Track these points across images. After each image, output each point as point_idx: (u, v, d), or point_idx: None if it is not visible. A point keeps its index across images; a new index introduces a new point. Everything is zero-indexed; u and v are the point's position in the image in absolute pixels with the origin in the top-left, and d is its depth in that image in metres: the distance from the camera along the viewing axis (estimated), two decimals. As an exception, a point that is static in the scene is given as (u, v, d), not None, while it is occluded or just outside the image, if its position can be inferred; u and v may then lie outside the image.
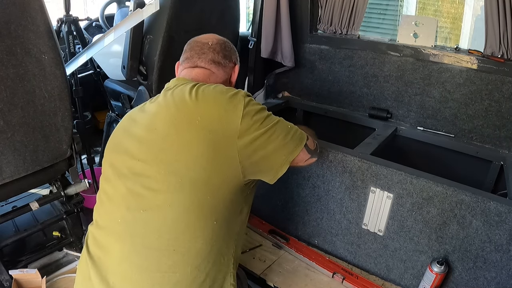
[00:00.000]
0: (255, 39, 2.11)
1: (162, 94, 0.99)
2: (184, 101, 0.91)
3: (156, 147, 0.89)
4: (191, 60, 1.07)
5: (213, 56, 1.07)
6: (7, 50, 1.07)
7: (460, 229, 1.21)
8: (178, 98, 0.93)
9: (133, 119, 0.99)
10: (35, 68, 1.14)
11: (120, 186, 0.91)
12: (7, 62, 1.08)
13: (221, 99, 0.90)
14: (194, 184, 0.85)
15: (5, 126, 1.12)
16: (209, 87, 0.94)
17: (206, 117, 0.88)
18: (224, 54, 1.09)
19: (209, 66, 1.06)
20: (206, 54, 1.06)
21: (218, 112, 0.88)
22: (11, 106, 1.12)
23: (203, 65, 1.06)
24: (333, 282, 1.42)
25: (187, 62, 1.07)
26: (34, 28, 1.12)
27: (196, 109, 0.89)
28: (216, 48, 1.08)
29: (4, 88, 1.09)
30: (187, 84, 0.96)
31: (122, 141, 0.97)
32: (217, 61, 1.07)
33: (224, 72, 1.09)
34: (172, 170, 0.86)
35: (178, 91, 0.95)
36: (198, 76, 1.05)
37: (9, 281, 1.29)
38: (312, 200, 1.53)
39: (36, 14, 1.12)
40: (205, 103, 0.90)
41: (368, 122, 1.94)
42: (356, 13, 1.94)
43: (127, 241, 0.87)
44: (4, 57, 1.07)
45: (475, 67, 1.61)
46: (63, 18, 1.94)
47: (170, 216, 0.85)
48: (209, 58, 1.06)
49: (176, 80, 1.03)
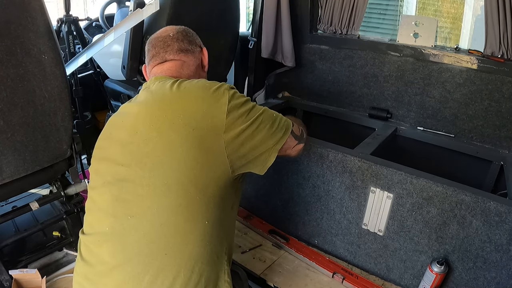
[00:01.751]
0: (255, 39, 2.11)
1: (142, 92, 0.97)
2: (165, 99, 0.89)
3: (139, 151, 0.86)
4: (158, 56, 1.04)
5: (178, 45, 1.05)
6: (7, 50, 1.07)
7: (460, 229, 1.21)
8: (159, 96, 0.91)
9: (115, 122, 0.97)
10: (35, 68, 1.14)
11: (106, 194, 0.89)
12: (7, 62, 1.08)
13: (204, 94, 0.88)
14: (182, 185, 0.83)
15: (5, 126, 1.12)
16: (191, 83, 0.92)
17: (189, 114, 0.85)
18: (188, 41, 1.07)
19: (178, 57, 1.04)
20: (172, 46, 1.04)
21: (202, 108, 0.86)
22: (11, 106, 1.12)
23: (172, 57, 1.04)
24: (333, 282, 1.42)
25: (155, 60, 1.05)
26: (34, 28, 1.12)
27: (178, 106, 0.87)
28: (179, 37, 1.06)
29: (4, 88, 1.09)
30: (166, 81, 0.94)
31: (105, 146, 0.96)
32: (184, 49, 1.05)
33: (195, 58, 1.07)
34: (157, 173, 0.83)
35: (158, 88, 0.93)
36: (170, 68, 1.03)
37: (9, 281, 1.29)
38: (312, 200, 1.53)
39: (36, 14, 1.12)
40: (187, 99, 0.88)
41: (368, 122, 1.94)
42: (356, 13, 1.94)
43: (117, 248, 0.85)
44: (4, 57, 1.07)
45: (475, 67, 1.61)
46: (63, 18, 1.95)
47: (158, 220, 0.83)
48: (176, 49, 1.04)
49: (154, 79, 0.99)
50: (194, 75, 1.07)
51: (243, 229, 1.69)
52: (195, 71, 1.07)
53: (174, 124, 0.85)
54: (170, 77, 0.99)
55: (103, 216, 0.88)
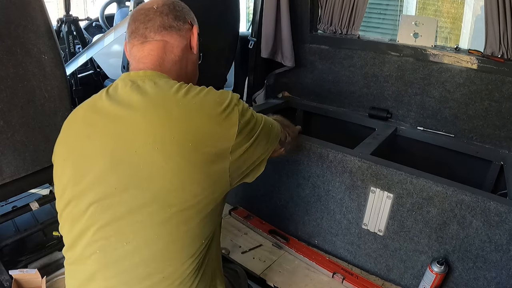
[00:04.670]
0: (255, 39, 2.11)
1: (127, 89, 0.80)
2: (171, 113, 0.75)
3: (138, 174, 0.74)
4: (138, 33, 0.88)
5: (161, 20, 0.88)
6: (7, 50, 1.07)
7: (460, 229, 1.20)
8: (160, 105, 0.76)
9: (93, 121, 0.81)
10: (35, 68, 1.14)
11: (93, 218, 0.77)
12: (7, 62, 1.08)
13: (216, 112, 0.77)
14: (184, 213, 0.75)
15: (5, 126, 1.12)
16: (199, 94, 0.80)
17: (200, 137, 0.75)
18: (175, 15, 0.90)
19: (160, 35, 0.88)
20: (153, 21, 0.88)
21: (214, 130, 0.76)
22: (11, 106, 1.12)
23: (152, 35, 0.87)
24: (333, 282, 1.42)
25: (134, 36, 0.89)
26: (34, 28, 1.12)
27: (188, 126, 0.74)
28: (164, 10, 0.89)
29: (4, 88, 1.09)
30: (165, 83, 0.80)
31: (86, 155, 0.78)
32: (168, 25, 0.88)
33: (180, 37, 0.91)
34: (160, 200, 0.74)
35: (156, 92, 0.78)
36: (151, 53, 0.87)
37: (9, 281, 1.29)
38: (312, 200, 1.53)
39: (36, 14, 1.12)
40: (198, 118, 0.76)
41: (368, 122, 1.94)
42: (356, 13, 1.94)
43: (112, 275, 0.78)
44: (4, 57, 1.07)
45: (475, 67, 1.61)
46: (63, 18, 1.95)
47: (156, 248, 0.76)
48: (157, 25, 0.88)
49: (143, 75, 0.84)
50: (181, 60, 0.92)
51: (243, 229, 1.69)
52: (181, 55, 0.91)
53: (184, 149, 0.73)
54: (158, 72, 0.85)
55: (93, 243, 0.78)
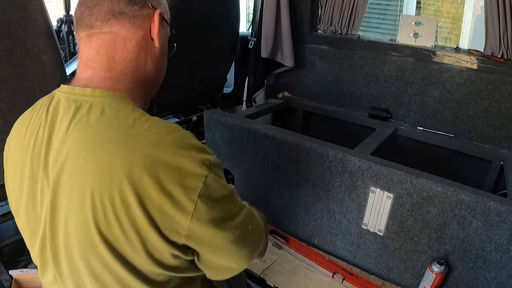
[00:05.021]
0: (255, 39, 2.11)
1: (68, 117, 0.62)
2: (114, 171, 0.56)
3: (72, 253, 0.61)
4: (82, 21, 0.68)
5: (110, 5, 0.66)
6: (7, 50, 1.07)
7: (460, 229, 1.20)
8: (104, 161, 0.57)
9: (33, 158, 0.65)
10: (35, 68, 1.15)
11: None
12: (7, 62, 1.08)
13: (176, 180, 0.57)
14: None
15: (5, 126, 1.12)
16: (159, 144, 0.58)
17: (148, 201, 0.56)
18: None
19: (108, 26, 0.67)
20: (100, 5, 0.66)
21: (164, 202, 0.57)
22: (11, 106, 1.12)
23: (99, 25, 0.67)
24: (333, 282, 1.42)
25: (79, 26, 0.69)
26: (34, 28, 1.12)
27: (135, 190, 0.56)
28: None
29: (4, 88, 1.09)
30: (118, 119, 0.60)
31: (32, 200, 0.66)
32: (118, 12, 0.67)
33: (134, 27, 0.68)
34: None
35: (107, 133, 0.59)
36: (99, 53, 0.67)
37: (9, 281, 1.29)
38: (312, 200, 1.53)
39: (36, 14, 1.12)
40: (154, 185, 0.56)
41: (368, 122, 1.94)
42: (356, 13, 1.95)
43: None
44: (4, 57, 1.07)
45: (475, 67, 1.61)
46: (63, 18, 1.95)
47: None
48: (104, 11, 0.66)
49: (91, 94, 0.63)
50: (137, 58, 0.70)
51: (243, 229, 1.69)
52: (137, 50, 0.69)
53: (135, 220, 0.57)
54: (111, 92, 0.64)
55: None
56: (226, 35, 2.09)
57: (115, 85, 0.67)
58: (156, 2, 0.73)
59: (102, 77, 0.67)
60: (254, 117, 1.89)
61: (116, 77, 0.67)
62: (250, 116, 1.85)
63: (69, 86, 0.66)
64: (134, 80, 0.70)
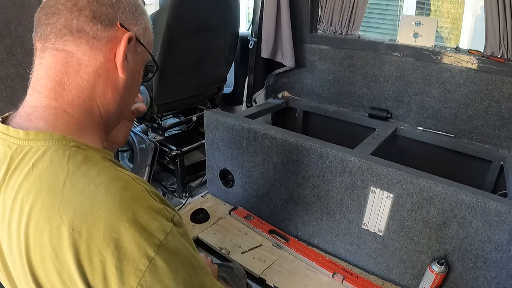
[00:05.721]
0: (255, 39, 2.11)
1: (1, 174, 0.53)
2: (42, 243, 0.48)
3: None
4: (38, 29, 0.57)
5: (69, 17, 0.54)
6: (7, 50, 1.07)
7: (460, 229, 1.20)
8: (32, 230, 0.49)
9: None
10: (35, 68, 1.15)
11: None
12: (7, 62, 1.08)
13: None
14: None
15: (5, 126, 1.12)
16: (86, 204, 0.48)
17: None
18: (94, 12, 0.55)
19: (62, 43, 0.55)
20: (58, 16, 0.54)
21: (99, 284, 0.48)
22: (11, 106, 1.11)
23: (53, 39, 0.55)
24: (333, 282, 1.42)
25: (36, 33, 0.58)
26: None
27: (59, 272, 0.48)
28: (80, 1, 0.55)
29: (4, 88, 1.09)
30: (48, 181, 0.49)
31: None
32: (75, 28, 0.55)
33: (92, 50, 0.56)
34: None
35: (29, 199, 0.49)
36: (48, 75, 0.56)
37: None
38: (312, 200, 1.53)
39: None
40: (77, 266, 0.47)
41: (368, 122, 1.94)
42: (356, 13, 1.95)
43: None
44: (4, 57, 1.07)
45: (475, 67, 1.61)
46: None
47: None
48: (61, 24, 0.54)
49: (25, 137, 0.53)
50: (93, 87, 0.58)
51: (243, 229, 1.69)
52: (94, 81, 0.57)
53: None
54: (53, 133, 0.54)
55: None
56: (226, 35, 2.09)
57: (59, 119, 0.55)
58: (130, 22, 0.59)
59: (45, 107, 0.56)
60: (254, 117, 1.89)
61: (62, 108, 0.56)
62: (250, 116, 1.85)
63: (3, 125, 0.56)
64: (87, 113, 0.58)
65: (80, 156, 0.52)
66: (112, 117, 0.63)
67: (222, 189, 1.86)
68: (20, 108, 0.59)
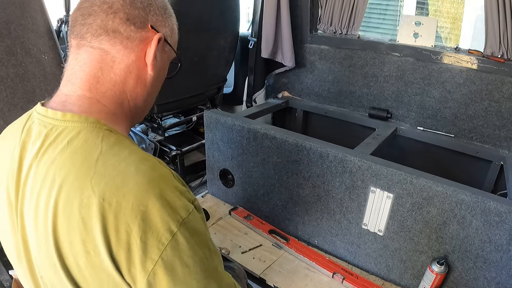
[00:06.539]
0: (255, 39, 2.11)
1: (36, 148, 0.57)
2: (73, 212, 0.52)
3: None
4: (74, 28, 0.62)
5: (104, 19, 0.59)
6: (7, 50, 1.07)
7: (460, 229, 1.21)
8: (64, 199, 0.52)
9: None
10: (35, 68, 1.15)
11: None
12: (7, 62, 1.08)
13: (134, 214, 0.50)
14: None
15: (5, 126, 1.11)
16: (117, 179, 0.52)
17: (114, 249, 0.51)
18: (127, 14, 0.60)
19: (98, 41, 0.60)
20: (95, 16, 0.59)
21: (122, 254, 0.51)
22: (11, 106, 1.12)
23: (89, 38, 0.60)
24: (333, 282, 1.42)
25: (71, 31, 0.63)
26: (34, 28, 1.12)
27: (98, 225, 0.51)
28: (115, 3, 0.60)
29: (4, 88, 1.09)
30: (83, 155, 0.54)
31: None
32: (111, 29, 0.60)
33: (126, 50, 0.61)
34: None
35: (62, 171, 0.54)
36: (83, 69, 0.61)
37: (9, 281, 1.29)
38: (312, 200, 1.53)
39: (36, 14, 1.12)
40: (105, 234, 0.50)
41: (368, 122, 1.94)
42: (356, 13, 1.95)
43: None
44: (4, 57, 1.07)
45: (475, 67, 1.61)
46: (63, 18, 1.95)
47: None
48: (97, 24, 0.59)
49: (62, 118, 0.58)
50: (125, 82, 0.63)
51: (243, 229, 1.69)
52: (125, 76, 0.63)
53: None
54: (86, 116, 0.58)
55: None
56: (226, 35, 2.09)
57: (93, 107, 0.60)
58: (160, 24, 0.65)
59: (79, 97, 0.60)
60: (254, 117, 1.89)
61: (96, 98, 0.61)
62: (250, 116, 1.85)
63: (43, 107, 0.60)
64: (118, 105, 0.63)
65: (112, 138, 0.57)
66: (139, 110, 0.68)
67: (222, 189, 1.86)
68: (53, 96, 0.63)
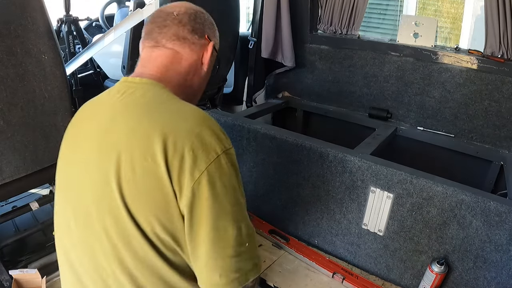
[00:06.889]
0: (255, 39, 2.11)
1: (118, 96, 0.78)
2: (147, 136, 0.69)
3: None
4: (151, 35, 0.86)
5: (177, 29, 0.84)
6: (7, 50, 1.07)
7: (460, 229, 1.21)
8: (139, 127, 0.71)
9: (82, 130, 0.82)
10: (35, 68, 1.14)
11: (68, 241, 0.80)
12: (7, 62, 1.08)
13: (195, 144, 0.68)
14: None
15: (5, 126, 1.12)
16: (180, 113, 0.73)
17: (169, 161, 0.67)
18: (192, 27, 0.86)
19: (172, 44, 0.84)
20: (169, 28, 0.84)
21: (177, 161, 0.67)
22: (11, 106, 1.12)
23: (164, 42, 0.84)
24: (333, 282, 1.42)
25: (146, 38, 0.87)
26: (34, 28, 1.12)
27: (163, 150, 0.67)
28: (183, 19, 0.85)
29: (4, 88, 1.09)
30: (154, 98, 0.77)
31: (69, 171, 0.81)
32: (182, 37, 0.85)
33: (192, 52, 0.86)
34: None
35: (137, 108, 0.75)
36: (157, 60, 0.84)
37: (9, 281, 1.29)
38: (312, 200, 1.53)
39: (36, 14, 1.12)
40: (169, 146, 0.67)
41: (368, 122, 1.94)
42: (356, 13, 1.94)
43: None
44: (4, 57, 1.07)
45: (475, 67, 1.61)
46: (63, 18, 1.95)
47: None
48: (171, 33, 0.84)
49: (139, 81, 0.80)
50: (187, 73, 0.88)
51: (243, 229, 1.69)
52: (188, 69, 0.87)
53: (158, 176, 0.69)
54: (154, 81, 0.81)
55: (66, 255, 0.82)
56: (226, 35, 2.08)
57: (161, 82, 0.81)
58: (211, 35, 0.91)
59: (151, 75, 0.82)
60: (254, 117, 1.89)
61: (165, 79, 0.82)
62: (250, 116, 1.85)
63: (128, 76, 0.84)
64: (178, 87, 0.85)
65: (172, 95, 0.79)
66: (192, 95, 0.91)
67: (222, 189, 1.86)
68: (132, 74, 0.85)
